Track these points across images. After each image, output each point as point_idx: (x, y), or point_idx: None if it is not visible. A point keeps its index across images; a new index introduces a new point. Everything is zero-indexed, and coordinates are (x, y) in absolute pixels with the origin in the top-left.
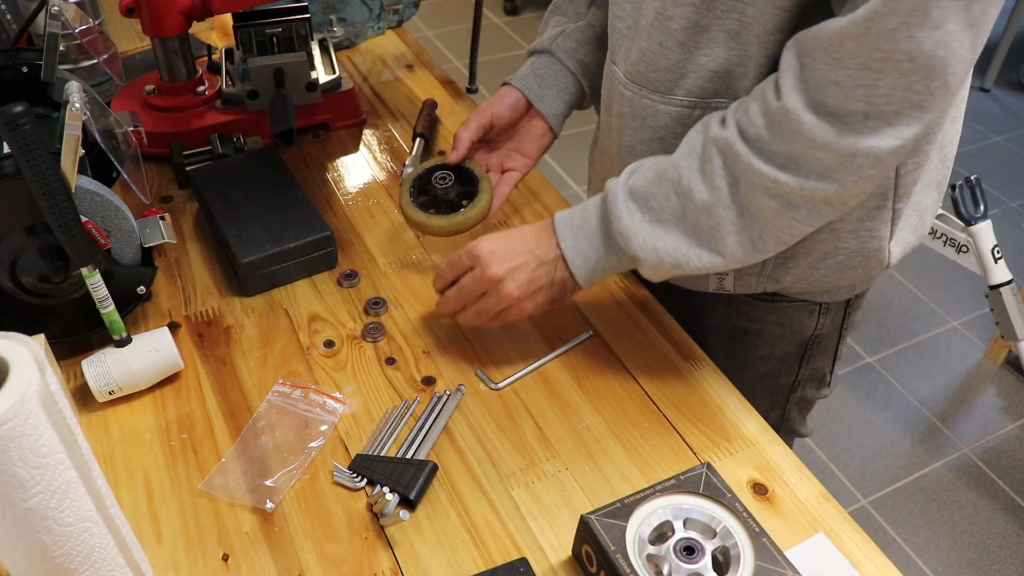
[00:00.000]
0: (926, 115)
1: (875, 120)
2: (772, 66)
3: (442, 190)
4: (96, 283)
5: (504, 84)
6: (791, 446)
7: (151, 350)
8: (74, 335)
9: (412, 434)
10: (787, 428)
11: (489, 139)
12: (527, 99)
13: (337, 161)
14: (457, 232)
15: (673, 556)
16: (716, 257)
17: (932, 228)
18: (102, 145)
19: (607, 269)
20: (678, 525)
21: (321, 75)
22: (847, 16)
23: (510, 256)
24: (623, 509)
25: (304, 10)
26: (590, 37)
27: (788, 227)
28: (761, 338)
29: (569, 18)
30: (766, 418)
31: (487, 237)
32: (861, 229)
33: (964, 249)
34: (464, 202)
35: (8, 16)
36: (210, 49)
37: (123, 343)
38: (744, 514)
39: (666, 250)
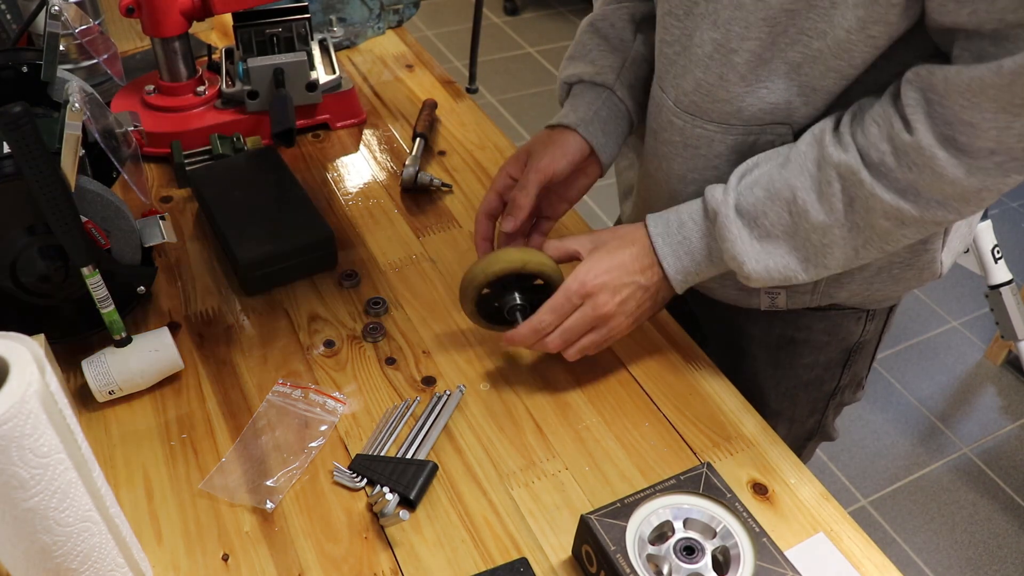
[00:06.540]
0: None
1: (1002, 156)
2: (843, 98)
3: (510, 310)
4: (96, 283)
5: (563, 126)
6: (814, 452)
7: (151, 350)
8: (74, 335)
9: (412, 434)
10: (822, 432)
11: None
12: (591, 148)
13: (337, 161)
14: None
15: (673, 556)
16: (821, 270)
17: None
18: (102, 145)
19: (704, 277)
20: (678, 525)
21: (321, 75)
22: (989, 65)
23: (618, 288)
24: (623, 509)
25: (304, 10)
26: (646, 73)
27: (896, 241)
28: (808, 346)
29: (611, 44)
30: (804, 423)
31: (591, 268)
32: (915, 243)
33: (971, 237)
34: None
35: (8, 16)
36: (210, 49)
37: (123, 343)
38: (744, 514)
39: (776, 268)
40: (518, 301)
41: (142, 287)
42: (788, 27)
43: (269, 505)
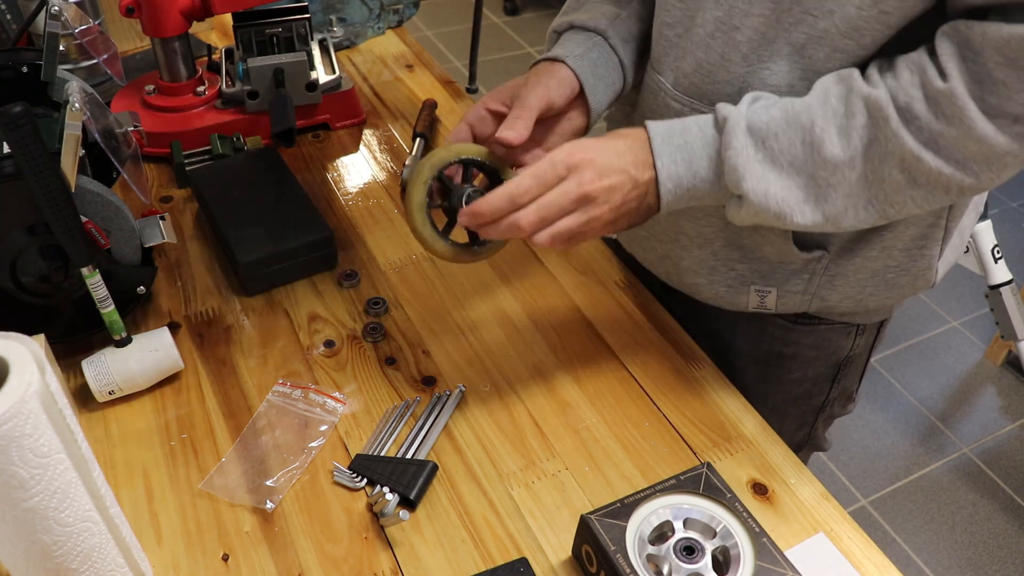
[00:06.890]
0: None
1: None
2: None
3: (469, 195)
4: (96, 283)
5: (552, 59)
6: (806, 461)
7: (151, 350)
8: (74, 335)
9: (412, 434)
10: (812, 444)
11: None
12: (581, 86)
13: (337, 161)
14: (475, 262)
15: (673, 556)
16: (818, 216)
17: None
18: (102, 145)
19: (693, 199)
20: (678, 525)
21: (321, 75)
22: None
23: (608, 172)
24: (623, 509)
25: (304, 10)
26: (640, 32)
27: (900, 204)
28: (796, 361)
29: None
30: (792, 436)
31: (581, 144)
32: (912, 247)
33: (964, 249)
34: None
35: (8, 16)
36: (210, 49)
37: (123, 343)
38: (744, 514)
39: (776, 197)
40: (475, 186)
41: (142, 287)
42: (792, 5)
43: (269, 505)
